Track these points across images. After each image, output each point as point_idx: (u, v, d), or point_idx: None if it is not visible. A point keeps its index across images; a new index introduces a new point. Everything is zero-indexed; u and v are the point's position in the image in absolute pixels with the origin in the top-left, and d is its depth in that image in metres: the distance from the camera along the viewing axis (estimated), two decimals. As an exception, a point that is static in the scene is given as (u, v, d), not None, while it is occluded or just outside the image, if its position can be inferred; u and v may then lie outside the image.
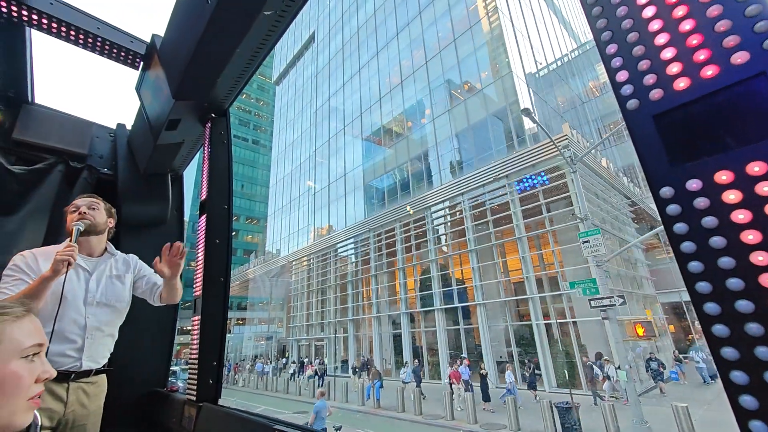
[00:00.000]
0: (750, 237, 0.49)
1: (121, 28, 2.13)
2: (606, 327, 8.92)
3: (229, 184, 2.01)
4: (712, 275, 0.51)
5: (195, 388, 1.75)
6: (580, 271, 14.47)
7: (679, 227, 0.54)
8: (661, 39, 0.59)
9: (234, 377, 27.22)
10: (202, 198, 1.98)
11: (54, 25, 1.90)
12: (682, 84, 0.56)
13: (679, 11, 0.58)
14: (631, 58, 0.62)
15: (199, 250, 1.92)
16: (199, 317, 1.80)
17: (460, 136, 21.52)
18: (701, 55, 0.54)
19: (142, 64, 2.20)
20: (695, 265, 0.53)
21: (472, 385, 12.98)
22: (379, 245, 23.60)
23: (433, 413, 11.97)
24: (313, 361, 22.95)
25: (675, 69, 0.57)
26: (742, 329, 0.48)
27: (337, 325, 26.00)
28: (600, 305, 8.22)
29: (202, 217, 1.95)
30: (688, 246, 0.53)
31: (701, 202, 0.53)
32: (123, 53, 2.15)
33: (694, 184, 0.53)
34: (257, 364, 28.38)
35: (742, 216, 0.50)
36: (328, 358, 24.70)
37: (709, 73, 0.53)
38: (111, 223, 1.84)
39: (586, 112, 30.42)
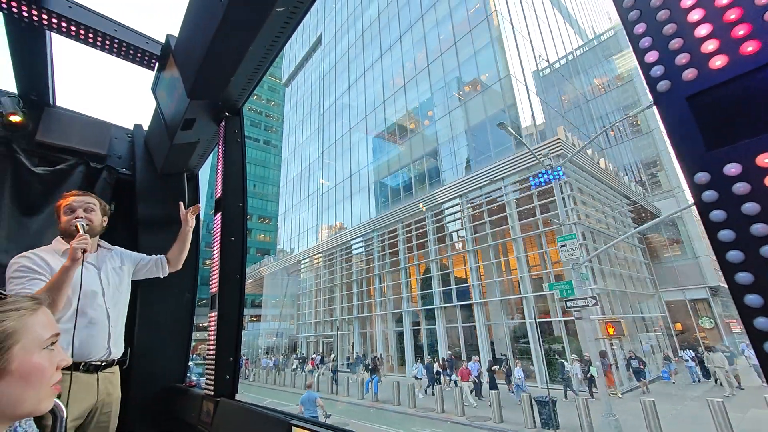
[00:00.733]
0: None
1: (136, 30, 2.16)
2: (578, 325, 9.38)
3: (243, 182, 2.05)
4: (753, 265, 0.48)
5: (212, 383, 1.79)
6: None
7: (717, 214, 0.51)
8: (695, 15, 0.55)
9: (245, 372, 28.42)
10: (217, 196, 2.02)
11: (73, 28, 1.92)
12: (718, 62, 0.52)
13: None
14: (661, 37, 0.59)
15: (215, 248, 1.96)
16: (216, 313, 1.85)
17: (461, 138, 21.95)
18: (741, 30, 0.51)
19: (157, 64, 2.24)
20: (735, 255, 0.50)
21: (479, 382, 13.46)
22: (383, 245, 24.28)
23: (426, 406, 12.64)
24: (314, 357, 23.85)
25: (711, 47, 0.53)
26: None
27: (343, 322, 26.86)
28: (575, 306, 8.72)
29: (218, 215, 1.98)
30: (726, 234, 0.51)
31: (741, 188, 0.50)
32: (139, 54, 2.18)
33: (732, 169, 0.50)
34: (263, 359, 29.52)
35: None
36: (335, 354, 25.59)
37: (749, 49, 0.50)
38: (105, 221, 1.87)
39: (591, 109, 30.32)
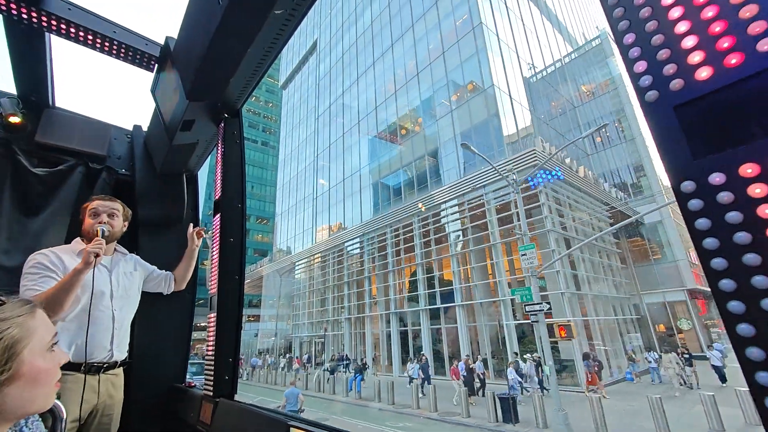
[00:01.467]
0: None
1: (135, 31, 2.16)
2: (535, 328, 10.17)
3: (243, 183, 2.06)
4: (736, 272, 0.49)
5: (212, 383, 1.80)
6: (552, 275, 15.63)
7: (702, 223, 0.52)
8: (682, 27, 0.57)
9: (240, 371, 29.24)
10: (217, 197, 2.04)
11: (72, 29, 1.94)
12: (704, 73, 0.53)
13: None
14: (650, 47, 0.60)
15: (214, 249, 1.98)
16: (215, 314, 1.86)
17: (449, 145, 22.71)
18: (725, 43, 0.52)
19: (156, 66, 2.25)
20: (718, 262, 0.51)
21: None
22: (372, 248, 25.09)
23: (403, 403, 13.43)
24: (298, 357, 24.71)
25: (697, 58, 0.55)
26: None
27: (335, 323, 27.67)
28: (532, 310, 9.51)
29: (217, 216, 2.00)
30: (711, 242, 0.51)
31: (725, 197, 0.50)
32: (138, 56, 2.19)
33: (717, 178, 0.51)
34: (252, 359, 30.33)
35: None
36: (325, 355, 26.39)
37: (733, 61, 0.51)
38: (125, 227, 1.95)
39: (577, 116, 31.12)
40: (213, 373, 1.80)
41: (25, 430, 0.76)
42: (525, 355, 13.92)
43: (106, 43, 2.07)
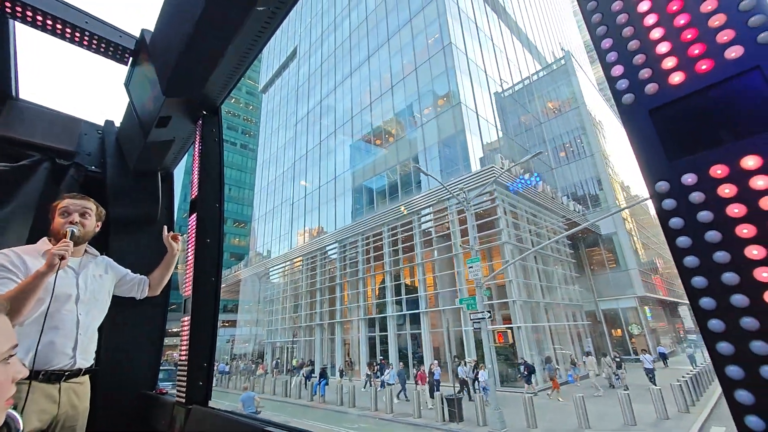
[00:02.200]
0: (745, 231, 0.49)
1: (109, 23, 2.07)
2: (481, 334, 11.13)
3: (221, 183, 2.01)
4: (707, 270, 0.51)
5: (185, 389, 1.74)
6: (513, 284, 16.71)
7: (675, 222, 0.54)
8: (656, 33, 0.59)
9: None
10: (193, 196, 1.97)
11: (39, 18, 1.83)
12: (677, 78, 0.56)
13: (674, 6, 0.58)
14: (626, 52, 0.62)
15: (189, 250, 1.91)
16: (189, 318, 1.80)
17: (420, 156, 23.68)
18: (696, 50, 0.55)
19: (131, 59, 2.17)
20: (691, 260, 0.52)
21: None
22: (344, 256, 25.74)
23: (364, 406, 14.12)
24: (262, 363, 25.02)
25: (670, 63, 0.57)
26: (737, 324, 0.48)
27: (306, 329, 28.07)
28: (476, 318, 10.44)
29: (193, 216, 1.94)
30: (683, 241, 0.53)
31: (697, 197, 0.52)
32: (111, 48, 2.10)
33: (689, 179, 0.53)
34: (220, 364, 30.26)
35: (737, 210, 0.50)
36: (295, 361, 26.72)
37: (703, 67, 0.53)
38: (98, 227, 1.83)
39: (543, 132, 32.89)
40: (186, 378, 1.75)
41: None
42: (466, 359, 15.01)
43: (77, 34, 1.98)
